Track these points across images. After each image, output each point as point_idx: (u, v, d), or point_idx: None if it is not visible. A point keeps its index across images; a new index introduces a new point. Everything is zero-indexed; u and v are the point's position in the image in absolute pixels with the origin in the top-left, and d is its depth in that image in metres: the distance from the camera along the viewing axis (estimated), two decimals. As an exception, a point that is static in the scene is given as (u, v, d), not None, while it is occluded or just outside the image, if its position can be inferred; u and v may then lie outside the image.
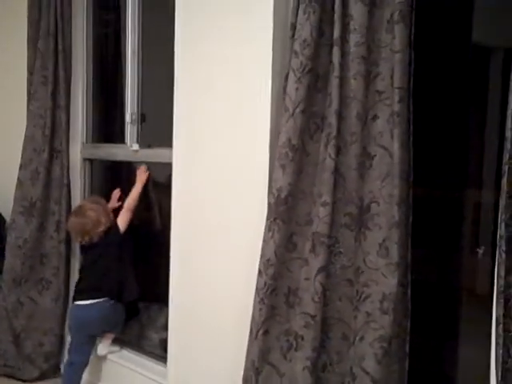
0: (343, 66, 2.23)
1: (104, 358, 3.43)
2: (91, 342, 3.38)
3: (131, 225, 3.36)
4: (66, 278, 3.62)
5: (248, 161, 2.62)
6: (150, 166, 3.37)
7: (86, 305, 3.31)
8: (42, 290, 3.61)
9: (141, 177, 3.34)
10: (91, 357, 3.42)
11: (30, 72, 3.57)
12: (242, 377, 2.47)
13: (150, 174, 3.35)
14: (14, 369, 3.60)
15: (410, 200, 2.25)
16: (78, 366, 3.33)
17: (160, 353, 3.32)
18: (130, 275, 3.41)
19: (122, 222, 3.32)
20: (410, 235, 2.26)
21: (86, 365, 3.35)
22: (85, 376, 3.49)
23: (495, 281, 1.96)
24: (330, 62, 2.26)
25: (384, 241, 2.23)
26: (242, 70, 2.63)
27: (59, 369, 3.66)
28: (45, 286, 3.61)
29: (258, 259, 2.40)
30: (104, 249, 3.31)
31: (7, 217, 3.83)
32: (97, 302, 3.29)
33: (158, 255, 3.53)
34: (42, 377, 3.61)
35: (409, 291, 2.28)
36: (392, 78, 2.17)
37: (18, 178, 3.59)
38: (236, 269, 2.69)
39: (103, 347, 3.43)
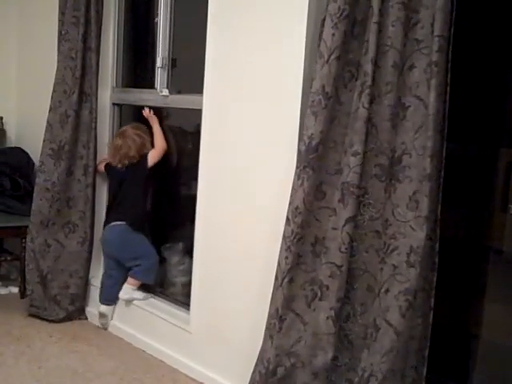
0: (382, 11, 2.17)
1: (129, 303, 3.47)
2: (119, 268, 3.51)
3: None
4: (92, 222, 3.65)
5: (280, 108, 2.59)
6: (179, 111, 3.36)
7: (110, 226, 3.49)
8: (68, 233, 3.65)
9: (151, 119, 3.41)
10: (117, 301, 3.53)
11: (62, 12, 3.53)
12: (265, 324, 2.48)
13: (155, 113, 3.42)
14: (41, 309, 3.66)
15: (443, 153, 2.21)
16: (105, 288, 3.57)
17: (183, 299, 3.35)
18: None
19: (152, 157, 3.39)
20: (440, 189, 2.23)
21: (113, 288, 3.52)
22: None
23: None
24: (369, 7, 2.20)
25: (414, 193, 2.21)
26: (277, 14, 2.57)
27: (84, 311, 3.74)
28: (71, 229, 3.65)
29: (286, 207, 2.39)
30: (132, 176, 3.43)
31: (36, 160, 3.86)
32: (117, 224, 3.45)
33: (184, 202, 3.55)
34: (68, 318, 3.68)
35: (437, 245, 2.26)
36: (432, 25, 2.11)
37: (48, 121, 3.59)
38: (263, 216, 2.68)
39: (124, 291, 3.47)
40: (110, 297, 3.55)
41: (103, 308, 3.56)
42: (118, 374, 3.07)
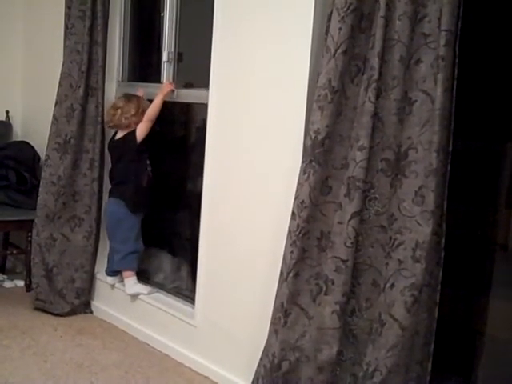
0: (389, 5, 2.17)
1: (134, 297, 3.47)
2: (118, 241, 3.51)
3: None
4: (98, 216, 3.66)
5: (286, 102, 2.58)
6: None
7: (109, 201, 3.54)
8: (74, 227, 3.66)
9: (163, 89, 3.30)
10: (122, 295, 3.52)
11: (68, 6, 3.53)
12: (270, 318, 2.49)
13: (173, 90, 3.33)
14: (46, 303, 3.67)
15: (450, 148, 2.21)
16: (110, 261, 3.61)
17: (188, 294, 3.35)
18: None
19: (140, 131, 3.34)
20: (447, 184, 2.22)
21: (113, 261, 3.57)
22: (114, 313, 3.61)
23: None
24: (376, 1, 2.19)
25: (420, 188, 2.20)
26: (284, 8, 2.57)
27: (90, 305, 3.75)
28: (77, 223, 3.66)
29: (292, 202, 2.39)
30: (122, 151, 3.42)
31: (42, 154, 3.87)
32: (112, 200, 3.49)
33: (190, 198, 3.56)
34: (73, 312, 3.69)
35: (443, 240, 2.26)
36: (439, 19, 2.10)
37: (53, 115, 3.60)
38: (269, 210, 2.68)
39: (128, 286, 3.47)
40: (112, 268, 3.59)
41: (109, 279, 3.62)
42: (122, 367, 3.08)
